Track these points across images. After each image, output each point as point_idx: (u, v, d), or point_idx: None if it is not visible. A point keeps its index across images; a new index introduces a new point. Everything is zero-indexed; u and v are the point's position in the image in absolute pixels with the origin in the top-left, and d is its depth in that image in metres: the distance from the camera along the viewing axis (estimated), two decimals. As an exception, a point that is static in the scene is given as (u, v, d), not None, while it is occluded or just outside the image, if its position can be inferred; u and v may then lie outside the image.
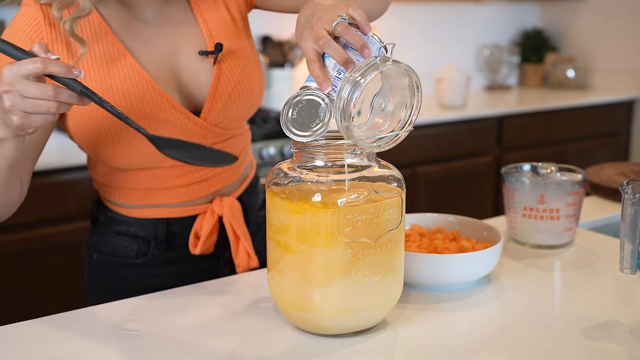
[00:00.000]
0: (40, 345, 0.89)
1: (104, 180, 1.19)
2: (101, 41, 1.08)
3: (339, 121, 0.83)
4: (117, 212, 1.19)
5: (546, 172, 1.26)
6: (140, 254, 1.19)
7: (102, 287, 1.23)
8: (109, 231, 1.20)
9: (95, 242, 1.23)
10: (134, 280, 1.20)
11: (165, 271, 1.20)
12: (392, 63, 0.83)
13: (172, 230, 1.19)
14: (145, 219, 1.18)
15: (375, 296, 0.89)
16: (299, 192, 0.86)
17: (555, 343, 0.89)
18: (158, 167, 1.14)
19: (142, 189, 1.16)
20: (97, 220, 1.24)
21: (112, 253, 1.20)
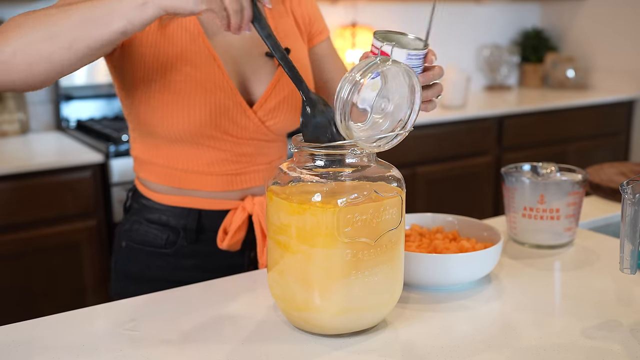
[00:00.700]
0: (39, 345, 0.89)
1: (144, 157, 1.22)
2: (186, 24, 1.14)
3: (338, 121, 0.83)
4: (151, 199, 1.23)
5: (546, 172, 1.26)
6: (169, 244, 1.22)
7: (128, 275, 1.26)
8: (141, 219, 1.24)
9: (126, 230, 1.26)
10: (160, 270, 1.23)
11: (191, 264, 1.23)
12: (392, 63, 0.83)
13: (202, 222, 1.22)
14: (178, 208, 1.21)
15: (375, 296, 0.89)
16: (299, 192, 0.86)
17: (555, 343, 0.89)
18: (199, 144, 1.16)
19: (178, 170, 1.19)
20: (131, 208, 1.27)
21: (141, 241, 1.24)
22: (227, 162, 1.20)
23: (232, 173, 1.21)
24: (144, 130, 1.18)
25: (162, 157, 1.19)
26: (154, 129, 1.16)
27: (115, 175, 2.27)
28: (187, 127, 1.14)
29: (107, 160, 2.26)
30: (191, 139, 1.16)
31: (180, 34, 1.13)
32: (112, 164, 2.26)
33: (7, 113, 2.57)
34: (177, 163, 1.18)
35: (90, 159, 2.23)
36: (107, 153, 2.26)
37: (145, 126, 1.17)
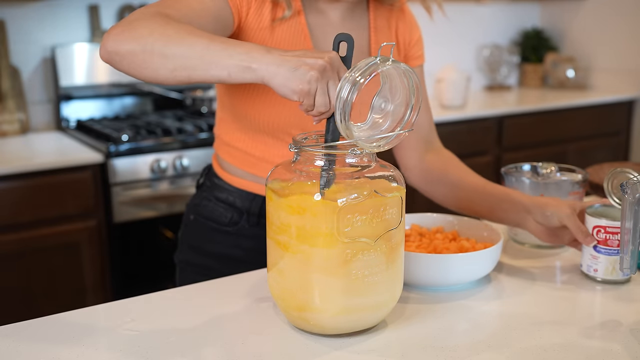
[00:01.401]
0: (39, 345, 0.89)
1: (226, 138, 1.27)
2: (293, 16, 1.17)
3: (338, 121, 0.83)
4: (223, 179, 1.29)
5: (546, 172, 1.26)
6: (232, 223, 1.28)
7: (191, 247, 1.33)
8: (210, 196, 1.30)
9: (195, 204, 1.33)
10: (221, 246, 1.29)
11: (250, 245, 1.28)
12: (392, 63, 0.83)
13: (264, 208, 1.24)
14: (245, 192, 1.26)
15: (375, 296, 0.89)
16: (299, 192, 0.86)
17: (555, 343, 0.89)
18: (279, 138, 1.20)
19: (254, 157, 1.24)
20: (203, 185, 1.35)
21: (207, 216, 1.30)
22: None
23: None
24: (234, 113, 1.23)
25: (243, 142, 1.24)
26: (245, 114, 1.20)
27: (115, 175, 2.27)
28: (275, 121, 1.18)
29: (107, 160, 2.26)
30: (274, 132, 1.20)
31: (288, 36, 1.16)
32: (112, 163, 2.26)
33: (7, 113, 2.57)
34: (254, 150, 1.23)
35: (90, 159, 2.23)
36: (107, 153, 2.26)
37: (236, 111, 1.22)
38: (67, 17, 2.70)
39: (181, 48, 0.94)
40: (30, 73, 2.68)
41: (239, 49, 0.91)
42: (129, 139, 2.32)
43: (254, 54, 0.90)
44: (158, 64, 0.95)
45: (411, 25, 1.30)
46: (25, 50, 2.65)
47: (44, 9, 2.65)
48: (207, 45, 0.93)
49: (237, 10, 1.11)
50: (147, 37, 0.95)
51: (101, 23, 2.76)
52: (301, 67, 0.86)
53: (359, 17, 1.24)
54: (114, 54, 0.97)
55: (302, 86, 0.86)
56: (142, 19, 0.99)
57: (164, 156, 2.35)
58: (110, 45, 0.97)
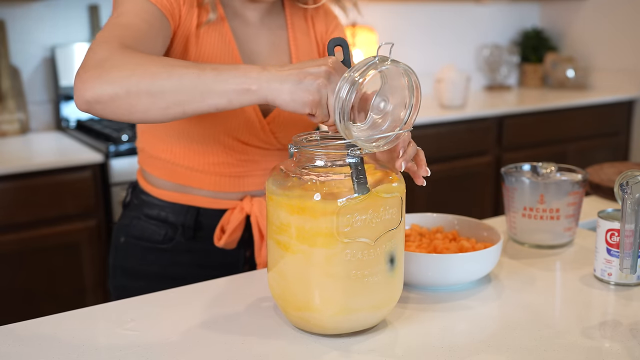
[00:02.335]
0: (39, 345, 0.89)
1: (152, 150, 1.23)
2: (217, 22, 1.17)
3: (337, 121, 0.83)
4: (152, 194, 1.25)
5: (546, 172, 1.26)
6: (166, 239, 1.24)
7: (126, 270, 1.28)
8: (140, 215, 1.26)
9: (125, 225, 1.28)
10: (157, 266, 1.25)
11: (188, 260, 1.25)
12: (391, 63, 0.83)
13: (200, 220, 1.24)
14: (177, 205, 1.23)
15: (375, 296, 0.89)
16: (299, 192, 0.86)
17: (555, 343, 0.89)
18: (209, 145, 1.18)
19: (183, 167, 1.21)
20: (130, 204, 1.30)
21: (139, 236, 1.26)
22: (230, 165, 1.21)
23: (234, 175, 1.22)
24: (157, 125, 1.20)
25: (169, 152, 1.21)
26: (170, 125, 1.18)
27: (115, 175, 2.27)
28: (203, 130, 1.16)
29: (107, 160, 2.26)
30: (203, 140, 1.18)
31: (214, 41, 1.15)
32: (112, 163, 2.26)
33: (7, 113, 2.57)
34: (183, 160, 1.21)
35: (90, 159, 2.23)
36: (107, 153, 2.26)
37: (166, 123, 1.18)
38: (67, 17, 2.70)
39: (170, 82, 0.88)
40: (30, 73, 2.68)
41: (233, 72, 0.87)
42: (129, 139, 2.32)
43: (250, 75, 0.86)
44: (147, 104, 0.89)
45: (326, 16, 1.31)
46: (25, 50, 2.65)
47: (44, 9, 2.65)
48: (198, 75, 0.87)
49: (172, 19, 1.08)
50: (130, 78, 0.88)
51: (101, 23, 2.76)
52: (306, 78, 0.84)
53: (276, 16, 1.25)
54: (94, 102, 0.90)
55: (312, 97, 0.84)
56: (112, 57, 0.92)
57: (164, 156, 2.35)
58: (89, 95, 0.89)
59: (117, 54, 0.92)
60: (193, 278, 1.15)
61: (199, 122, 1.16)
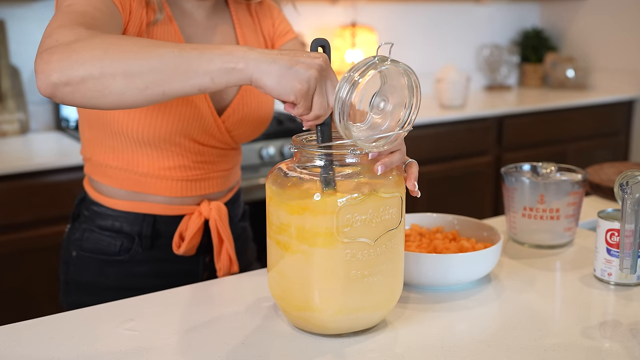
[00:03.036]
0: (39, 345, 0.89)
1: (100, 158, 1.17)
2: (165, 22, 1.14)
3: (337, 121, 0.82)
4: (104, 204, 1.20)
5: (546, 172, 1.26)
6: (123, 251, 1.19)
7: (80, 285, 1.23)
8: (93, 227, 1.21)
9: (76, 239, 1.23)
10: (114, 279, 1.21)
11: (145, 270, 1.21)
12: (391, 63, 0.83)
13: (157, 228, 1.20)
14: (132, 214, 1.18)
15: (375, 296, 0.89)
16: (299, 192, 0.86)
17: (555, 343, 0.89)
18: (163, 148, 1.14)
19: (137, 174, 1.16)
20: (80, 217, 1.24)
21: (93, 250, 1.20)
22: (187, 167, 1.18)
23: (191, 179, 1.19)
24: (105, 131, 1.14)
25: (120, 159, 1.16)
26: (119, 130, 1.12)
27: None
28: (156, 132, 1.12)
29: (107, 160, 2.25)
30: (156, 144, 1.14)
31: (162, 37, 1.12)
32: (112, 164, 2.26)
33: (7, 113, 2.56)
34: (136, 167, 1.16)
35: (90, 159, 2.23)
36: (107, 153, 2.25)
37: (108, 126, 1.13)
38: (67, 17, 2.70)
39: (149, 62, 0.82)
40: (30, 73, 2.68)
41: (216, 51, 0.83)
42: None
43: (236, 53, 0.82)
44: (123, 86, 0.82)
45: (270, 8, 1.30)
46: (25, 50, 2.65)
47: (44, 9, 2.65)
48: (179, 54, 0.82)
49: (123, 10, 1.04)
50: (104, 58, 0.82)
51: (101, 23, 2.76)
52: (297, 65, 0.81)
53: (221, 13, 1.23)
54: (62, 85, 0.82)
55: (300, 85, 0.81)
56: (81, 39, 0.85)
57: (163, 156, 2.35)
58: (55, 76, 0.82)
59: (83, 34, 0.86)
60: (152, 288, 1.11)
61: (153, 124, 1.11)
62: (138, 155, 1.15)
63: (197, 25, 1.19)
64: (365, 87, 0.82)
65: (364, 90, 0.83)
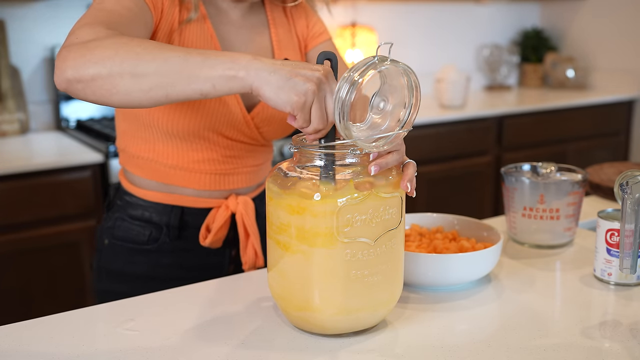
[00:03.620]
0: (39, 345, 0.89)
1: (133, 150, 1.21)
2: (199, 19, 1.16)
3: (337, 121, 0.83)
4: (135, 195, 1.23)
5: (546, 172, 1.26)
6: (151, 240, 1.23)
7: (111, 273, 1.27)
8: (124, 216, 1.24)
9: (108, 227, 1.27)
10: (142, 267, 1.24)
11: (173, 261, 1.24)
12: (391, 62, 0.83)
13: (185, 220, 1.23)
14: (161, 205, 1.22)
15: (375, 296, 0.89)
16: (299, 192, 0.86)
17: (555, 343, 0.89)
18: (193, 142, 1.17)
19: (167, 166, 1.20)
20: (114, 206, 1.28)
21: (124, 238, 1.24)
22: (215, 162, 1.21)
23: (219, 173, 1.22)
24: (137, 123, 1.18)
25: (152, 151, 1.19)
26: (149, 122, 1.16)
27: (115, 175, 2.27)
28: (185, 125, 1.15)
29: (107, 160, 2.25)
30: (185, 137, 1.17)
31: (195, 35, 1.14)
32: (112, 163, 2.26)
33: (7, 113, 2.56)
34: (166, 159, 1.19)
35: (90, 159, 2.23)
36: (107, 153, 2.26)
37: (140, 119, 1.17)
38: (67, 17, 2.70)
39: (154, 64, 0.86)
40: (30, 73, 2.68)
41: (221, 57, 0.85)
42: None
43: (239, 62, 0.84)
44: (130, 86, 0.86)
45: (305, 10, 1.31)
46: (25, 50, 2.65)
47: (44, 9, 2.65)
48: (184, 58, 0.85)
49: (154, 10, 1.07)
50: (114, 58, 0.86)
51: (101, 23, 2.76)
52: (297, 77, 0.82)
53: (257, 13, 1.25)
54: (75, 81, 0.87)
55: (297, 98, 0.82)
56: (97, 38, 0.90)
57: (163, 156, 2.35)
58: (69, 73, 0.87)
59: (101, 34, 0.91)
60: (178, 279, 1.14)
61: (182, 118, 1.14)
62: (168, 148, 1.18)
63: (231, 24, 1.21)
64: (365, 87, 0.82)
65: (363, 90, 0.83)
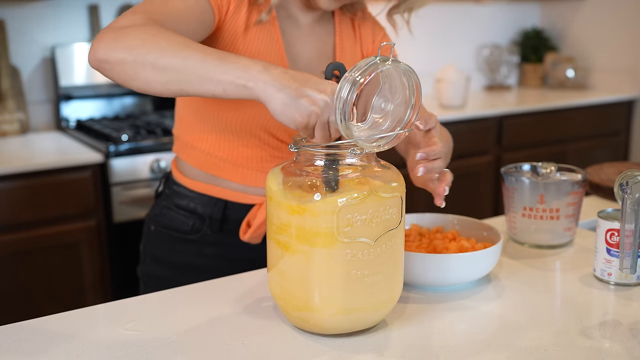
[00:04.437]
0: (39, 345, 0.89)
1: (188, 139, 1.24)
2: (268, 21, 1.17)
3: (338, 121, 0.83)
4: (183, 184, 1.27)
5: (546, 172, 1.26)
6: (194, 230, 1.26)
7: (155, 258, 1.31)
8: (170, 204, 1.29)
9: (155, 214, 1.32)
10: (184, 256, 1.27)
11: (213, 252, 1.27)
12: (392, 63, 0.83)
13: (227, 213, 1.25)
14: (206, 197, 1.25)
15: (375, 296, 0.89)
16: (299, 192, 0.86)
17: (555, 343, 0.89)
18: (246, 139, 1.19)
19: (218, 159, 1.22)
20: (162, 194, 1.32)
21: (168, 226, 1.28)
22: (263, 159, 1.23)
23: (265, 171, 1.24)
24: (197, 113, 1.21)
25: (206, 142, 1.22)
26: (212, 114, 1.18)
27: (115, 175, 2.27)
28: (243, 121, 1.17)
29: (107, 160, 2.26)
30: (239, 132, 1.19)
31: (261, 39, 1.16)
32: (112, 163, 2.26)
33: (7, 113, 2.57)
34: (218, 151, 1.22)
35: (90, 159, 2.23)
36: (107, 153, 2.26)
37: (202, 109, 1.19)
38: (67, 17, 2.70)
39: (174, 61, 0.91)
40: (30, 73, 2.68)
41: (235, 64, 0.89)
42: (129, 139, 2.32)
43: (250, 71, 0.88)
44: (150, 76, 0.93)
45: (373, 26, 1.33)
46: (25, 50, 2.65)
47: (44, 9, 2.65)
48: (201, 59, 0.90)
49: (218, 11, 1.10)
50: (140, 48, 0.92)
51: (101, 23, 2.76)
52: (302, 97, 0.85)
53: (326, 23, 1.27)
54: (103, 62, 0.95)
55: (300, 118, 0.86)
56: (133, 26, 0.96)
57: (163, 156, 2.35)
58: (100, 53, 0.95)
59: (138, 22, 0.97)
60: (218, 270, 1.17)
61: (237, 112, 1.17)
62: (221, 140, 1.21)
63: (299, 30, 1.22)
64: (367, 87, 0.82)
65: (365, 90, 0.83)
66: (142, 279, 1.34)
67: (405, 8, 1.28)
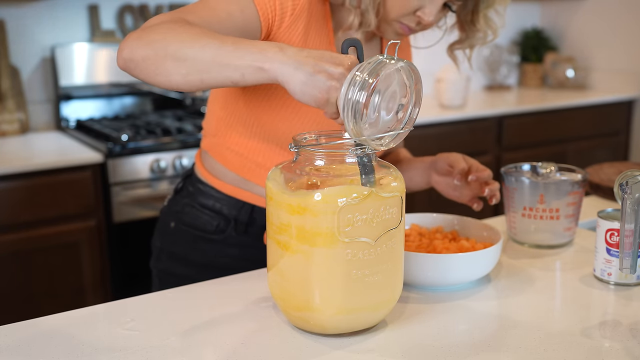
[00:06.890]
0: (39, 345, 0.89)
1: (225, 141, 1.22)
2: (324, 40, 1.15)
3: (348, 122, 0.83)
4: (210, 184, 1.26)
5: (546, 172, 1.26)
6: (218, 231, 1.25)
7: (173, 255, 1.30)
8: (194, 203, 1.27)
9: (176, 211, 1.30)
10: (205, 255, 1.27)
11: (236, 253, 1.26)
12: (396, 61, 0.83)
13: (254, 217, 1.25)
14: (234, 199, 1.24)
15: (375, 296, 0.89)
16: (299, 192, 0.86)
17: (555, 343, 0.89)
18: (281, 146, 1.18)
19: (252, 162, 1.21)
20: (183, 191, 1.31)
21: (191, 224, 1.27)
22: None
23: None
24: (241, 117, 1.19)
25: (244, 146, 1.21)
26: (256, 121, 1.17)
27: (114, 175, 2.27)
28: (288, 131, 1.16)
29: (107, 160, 2.25)
30: (280, 141, 1.18)
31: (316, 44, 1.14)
32: (112, 163, 2.26)
33: (7, 113, 2.56)
34: (256, 156, 1.20)
35: (90, 159, 2.23)
36: (107, 153, 2.26)
37: (245, 115, 1.18)
38: (66, 17, 2.70)
39: (193, 51, 0.91)
40: (30, 73, 2.68)
41: (251, 48, 0.88)
42: (129, 139, 2.32)
43: (266, 53, 0.87)
44: (171, 69, 0.92)
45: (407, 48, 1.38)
46: (25, 50, 2.65)
47: (44, 9, 2.65)
48: (218, 46, 0.90)
49: (266, 25, 1.07)
50: (161, 42, 0.92)
51: (101, 23, 2.76)
52: (320, 73, 0.84)
53: (374, 45, 1.27)
54: (129, 61, 0.95)
55: (320, 95, 0.84)
56: (158, 24, 0.96)
57: (163, 156, 2.35)
58: (125, 53, 0.95)
59: (164, 21, 0.97)
60: (237, 270, 1.17)
61: (289, 124, 1.16)
62: (257, 146, 1.20)
63: None
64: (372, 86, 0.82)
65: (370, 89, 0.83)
66: (158, 275, 1.33)
67: (468, 44, 1.30)
